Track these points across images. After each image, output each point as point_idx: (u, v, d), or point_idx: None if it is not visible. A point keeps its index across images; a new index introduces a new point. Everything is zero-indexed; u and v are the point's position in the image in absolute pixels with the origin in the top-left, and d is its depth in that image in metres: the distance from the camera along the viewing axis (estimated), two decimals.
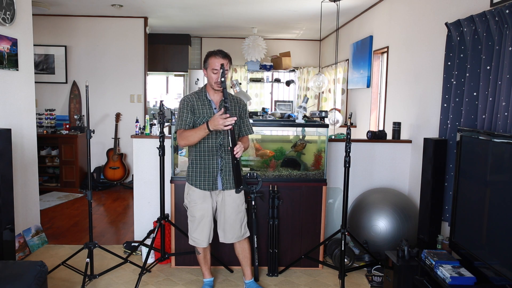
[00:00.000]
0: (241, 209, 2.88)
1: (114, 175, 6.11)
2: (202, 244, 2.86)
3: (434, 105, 3.49)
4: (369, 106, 5.40)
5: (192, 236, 2.87)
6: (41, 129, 5.92)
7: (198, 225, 2.83)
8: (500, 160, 2.29)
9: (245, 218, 2.92)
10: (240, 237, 2.90)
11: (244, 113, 2.90)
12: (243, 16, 6.22)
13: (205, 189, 2.79)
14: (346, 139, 3.03)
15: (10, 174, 2.92)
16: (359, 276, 3.31)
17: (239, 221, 2.87)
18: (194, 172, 2.80)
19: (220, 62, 2.62)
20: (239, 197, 2.85)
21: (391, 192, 3.70)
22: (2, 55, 3.31)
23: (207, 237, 2.86)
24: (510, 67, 2.41)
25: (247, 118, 2.92)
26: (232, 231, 2.87)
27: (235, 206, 2.84)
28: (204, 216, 2.82)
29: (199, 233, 2.84)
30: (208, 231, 2.85)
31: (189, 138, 2.67)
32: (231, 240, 2.89)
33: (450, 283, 2.31)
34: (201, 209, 2.81)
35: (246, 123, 2.91)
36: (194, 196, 2.82)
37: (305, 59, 8.59)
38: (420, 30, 3.84)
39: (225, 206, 2.84)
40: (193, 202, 2.83)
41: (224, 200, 2.83)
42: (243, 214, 2.90)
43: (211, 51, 2.71)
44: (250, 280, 3.03)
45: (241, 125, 2.88)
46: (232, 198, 2.83)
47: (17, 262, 2.53)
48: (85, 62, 6.35)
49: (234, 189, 2.77)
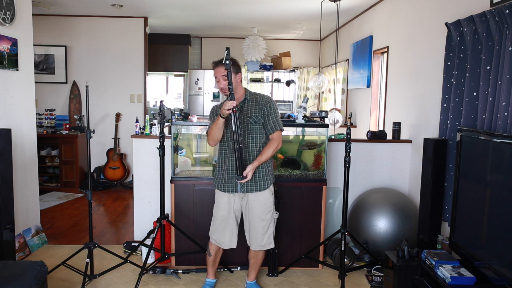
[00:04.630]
0: (265, 218, 2.79)
1: (114, 175, 6.11)
2: (223, 245, 2.87)
3: (434, 105, 3.49)
4: (369, 106, 5.39)
5: (213, 236, 2.88)
6: (41, 129, 5.92)
7: (219, 226, 2.84)
8: (500, 160, 2.29)
9: (270, 229, 2.83)
10: (261, 246, 2.84)
11: (269, 109, 2.76)
12: (243, 16, 6.22)
13: (224, 190, 2.79)
14: (346, 139, 3.03)
15: (10, 174, 2.92)
16: (359, 276, 3.31)
17: (261, 230, 2.80)
18: (217, 174, 2.86)
19: (218, 70, 2.72)
20: (264, 204, 2.78)
21: (391, 192, 3.70)
22: (2, 55, 3.31)
23: (228, 239, 2.84)
24: (510, 67, 2.41)
25: (273, 114, 2.77)
26: (254, 238, 2.84)
27: (258, 212, 2.79)
28: (225, 217, 2.82)
29: (219, 234, 2.85)
30: (229, 233, 2.84)
31: (211, 132, 2.73)
32: (253, 247, 2.86)
33: (450, 283, 2.31)
34: (222, 210, 2.82)
35: (272, 119, 2.76)
36: (217, 196, 2.86)
37: (305, 59, 8.59)
38: (420, 30, 3.84)
39: (249, 211, 2.81)
40: (216, 202, 2.87)
41: (248, 204, 2.80)
42: (267, 223, 2.81)
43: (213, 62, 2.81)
44: (251, 282, 3.05)
45: (267, 122, 2.77)
46: (255, 203, 2.78)
47: (17, 262, 2.54)
48: (85, 62, 6.35)
49: (255, 192, 2.75)
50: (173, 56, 8.07)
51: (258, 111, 2.77)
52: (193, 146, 3.81)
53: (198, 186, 3.36)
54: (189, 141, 3.81)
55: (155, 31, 7.58)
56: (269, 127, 2.78)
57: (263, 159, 2.70)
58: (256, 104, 2.79)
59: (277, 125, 2.78)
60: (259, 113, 2.76)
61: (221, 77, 2.71)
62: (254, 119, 2.75)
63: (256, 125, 2.75)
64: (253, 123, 2.75)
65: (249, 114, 2.76)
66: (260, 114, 2.77)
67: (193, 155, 3.77)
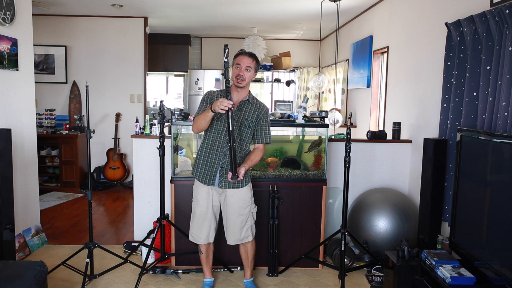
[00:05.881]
0: (243, 212, 2.84)
1: (114, 175, 6.11)
2: (199, 241, 2.88)
3: (434, 105, 3.49)
4: (369, 106, 5.39)
5: (191, 232, 2.91)
6: (41, 129, 5.92)
7: (197, 221, 2.86)
8: (500, 160, 2.29)
9: (248, 222, 2.88)
10: (240, 240, 2.89)
11: (264, 120, 2.83)
12: (243, 16, 6.22)
13: (202, 181, 2.81)
14: (346, 139, 3.03)
15: (10, 174, 2.92)
16: (359, 276, 3.31)
17: (240, 224, 2.85)
18: (197, 163, 2.86)
19: (246, 59, 2.71)
20: (242, 200, 2.83)
21: (391, 192, 3.70)
22: (2, 55, 3.31)
23: (206, 234, 2.87)
24: (510, 67, 2.41)
25: (266, 126, 2.85)
26: (232, 232, 2.87)
27: (236, 208, 2.82)
28: (203, 213, 2.84)
29: (197, 229, 2.87)
30: (207, 229, 2.86)
31: (198, 121, 2.72)
32: (230, 241, 2.90)
33: (450, 283, 2.31)
34: (201, 206, 2.84)
35: (264, 130, 2.84)
36: (196, 191, 2.87)
37: (305, 59, 8.59)
38: (420, 30, 3.84)
39: (227, 207, 2.84)
40: (195, 197, 2.88)
41: (226, 200, 2.83)
42: (245, 218, 2.86)
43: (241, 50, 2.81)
44: (248, 280, 3.06)
45: (258, 131, 2.84)
46: (234, 199, 2.82)
47: (17, 262, 2.53)
48: (85, 62, 6.35)
49: (232, 188, 2.78)
50: (173, 56, 8.07)
51: (254, 117, 2.81)
52: (193, 146, 3.81)
53: None
54: (189, 141, 3.81)
55: (155, 31, 7.58)
56: (259, 137, 2.84)
57: (252, 164, 2.78)
58: (255, 110, 2.82)
59: (267, 138, 2.86)
60: (255, 119, 2.81)
61: (244, 67, 2.72)
62: (248, 123, 2.79)
63: (248, 129, 2.80)
64: (247, 126, 2.79)
65: (245, 116, 2.78)
66: (255, 120, 2.81)
67: (193, 155, 3.77)
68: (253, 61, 2.74)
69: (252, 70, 2.75)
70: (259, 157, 2.82)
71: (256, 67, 2.77)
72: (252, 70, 2.75)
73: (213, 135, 2.78)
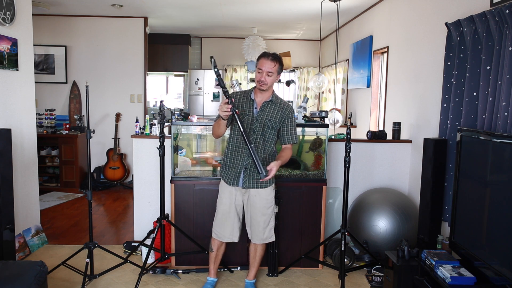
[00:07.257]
0: (266, 212, 2.85)
1: (114, 175, 6.11)
2: (223, 238, 2.90)
3: (434, 105, 3.49)
4: (369, 106, 5.39)
5: (214, 229, 2.93)
6: (41, 129, 5.92)
7: (220, 219, 2.89)
8: (500, 160, 2.29)
9: (271, 222, 2.90)
10: (263, 240, 2.90)
11: (289, 120, 2.81)
12: (243, 16, 6.22)
13: (227, 182, 2.84)
14: (346, 139, 3.03)
15: (10, 174, 2.92)
16: (359, 276, 3.31)
17: (263, 224, 2.86)
18: (224, 165, 2.88)
19: (268, 65, 2.66)
20: (265, 199, 2.83)
21: (391, 192, 3.70)
22: (2, 55, 3.31)
23: (229, 232, 2.88)
24: (510, 67, 2.41)
25: (291, 126, 2.83)
26: (255, 232, 2.89)
27: (259, 207, 2.83)
28: (226, 211, 2.86)
29: (220, 227, 2.90)
30: (230, 227, 2.88)
31: (214, 127, 2.78)
32: (254, 240, 2.92)
33: (450, 283, 2.31)
34: (224, 204, 2.87)
35: (290, 131, 2.82)
36: (221, 190, 2.90)
37: (305, 59, 8.59)
38: (420, 30, 3.84)
39: (250, 206, 2.86)
40: (219, 196, 2.91)
41: (249, 199, 2.85)
42: (268, 218, 2.87)
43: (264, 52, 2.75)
44: (250, 281, 3.07)
45: (284, 131, 2.82)
46: (257, 199, 2.82)
47: (17, 262, 2.53)
48: (85, 62, 6.35)
49: (256, 188, 2.80)
50: (173, 56, 8.07)
51: (278, 118, 2.79)
52: (193, 146, 3.81)
53: (198, 186, 3.36)
54: (189, 141, 3.81)
55: (155, 31, 7.58)
56: (285, 137, 2.84)
57: (284, 160, 2.76)
58: (279, 110, 2.80)
59: (294, 138, 2.85)
60: (279, 120, 2.79)
61: (266, 72, 2.67)
62: (272, 123, 2.77)
63: (272, 130, 2.78)
64: (270, 127, 2.77)
65: (269, 117, 2.77)
66: (279, 121, 2.80)
67: (193, 155, 3.77)
68: (275, 65, 2.67)
69: (274, 74, 2.70)
70: (289, 155, 2.81)
71: (279, 69, 2.71)
72: (275, 74, 2.70)
73: (236, 137, 2.80)
